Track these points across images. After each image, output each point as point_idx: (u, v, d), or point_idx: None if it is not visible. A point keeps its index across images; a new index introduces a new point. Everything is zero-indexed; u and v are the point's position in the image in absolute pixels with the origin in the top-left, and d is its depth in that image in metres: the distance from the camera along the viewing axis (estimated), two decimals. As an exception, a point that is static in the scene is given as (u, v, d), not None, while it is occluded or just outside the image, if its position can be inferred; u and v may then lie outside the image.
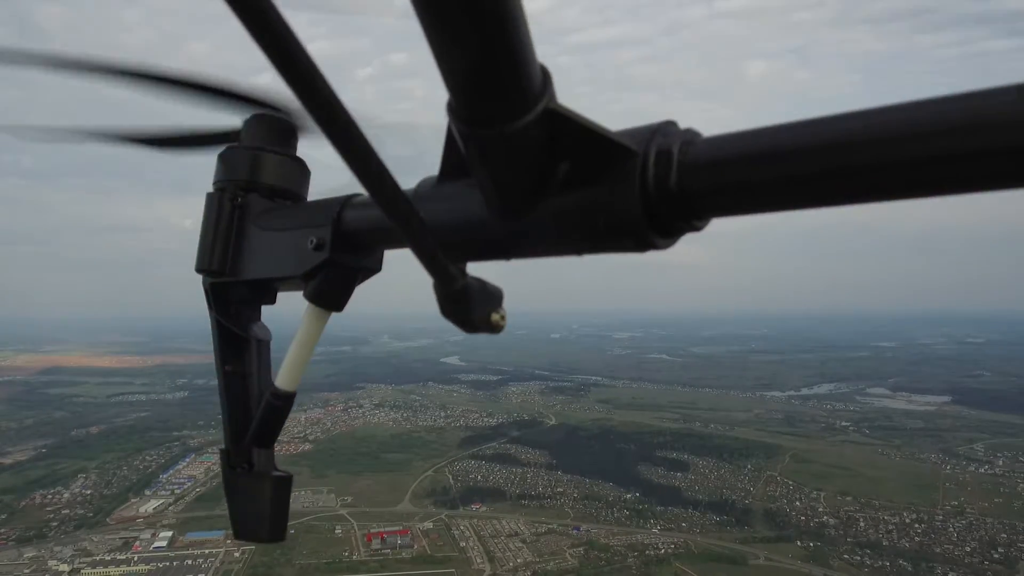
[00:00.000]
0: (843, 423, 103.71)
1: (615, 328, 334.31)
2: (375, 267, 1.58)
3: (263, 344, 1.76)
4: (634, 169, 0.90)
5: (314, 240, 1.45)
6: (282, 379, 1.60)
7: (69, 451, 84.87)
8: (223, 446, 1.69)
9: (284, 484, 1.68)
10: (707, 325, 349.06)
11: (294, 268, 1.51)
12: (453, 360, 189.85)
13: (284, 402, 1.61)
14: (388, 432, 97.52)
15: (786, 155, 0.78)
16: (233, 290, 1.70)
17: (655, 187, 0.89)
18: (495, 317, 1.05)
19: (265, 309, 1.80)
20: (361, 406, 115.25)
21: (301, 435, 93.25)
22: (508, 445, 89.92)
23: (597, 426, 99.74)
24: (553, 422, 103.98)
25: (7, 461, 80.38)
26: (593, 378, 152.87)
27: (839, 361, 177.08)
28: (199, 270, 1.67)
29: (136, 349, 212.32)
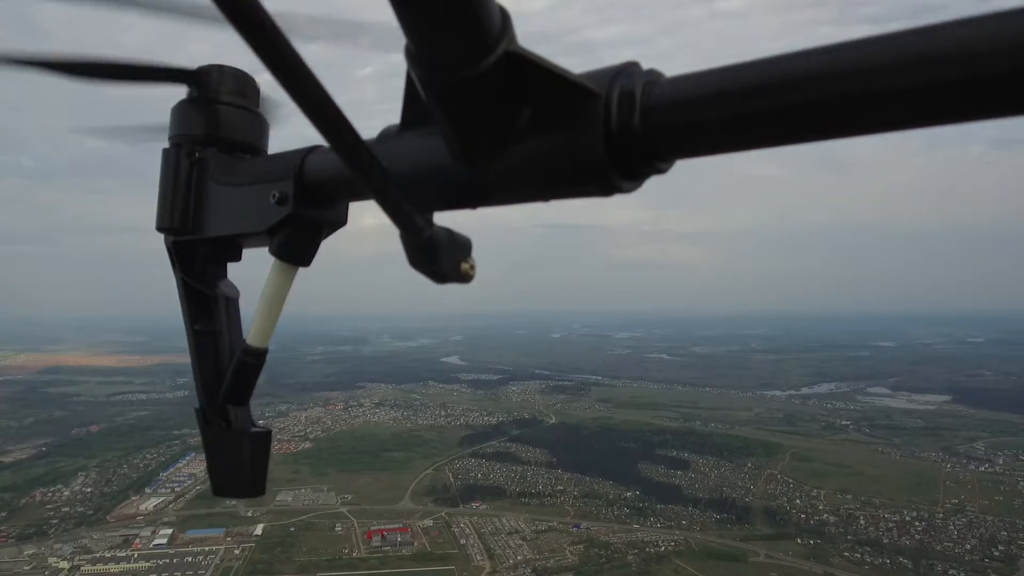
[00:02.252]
0: (843, 422, 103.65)
1: (615, 328, 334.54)
2: (340, 220, 1.54)
3: (231, 301, 1.74)
4: (597, 111, 0.89)
5: (276, 194, 1.42)
6: (253, 336, 1.58)
7: (69, 449, 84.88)
8: (197, 405, 1.68)
9: (262, 440, 1.67)
10: (707, 325, 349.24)
11: (257, 223, 1.47)
12: (453, 360, 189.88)
13: (256, 359, 1.59)
14: (388, 431, 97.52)
15: (749, 93, 0.77)
16: (196, 248, 1.67)
17: (618, 129, 0.88)
18: (464, 267, 1.04)
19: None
20: (361, 405, 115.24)
21: (302, 434, 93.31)
22: (508, 443, 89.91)
23: (597, 425, 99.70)
24: (553, 421, 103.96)
25: (7, 459, 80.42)
26: (593, 377, 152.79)
27: (839, 360, 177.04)
28: (160, 228, 1.64)
29: (136, 348, 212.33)
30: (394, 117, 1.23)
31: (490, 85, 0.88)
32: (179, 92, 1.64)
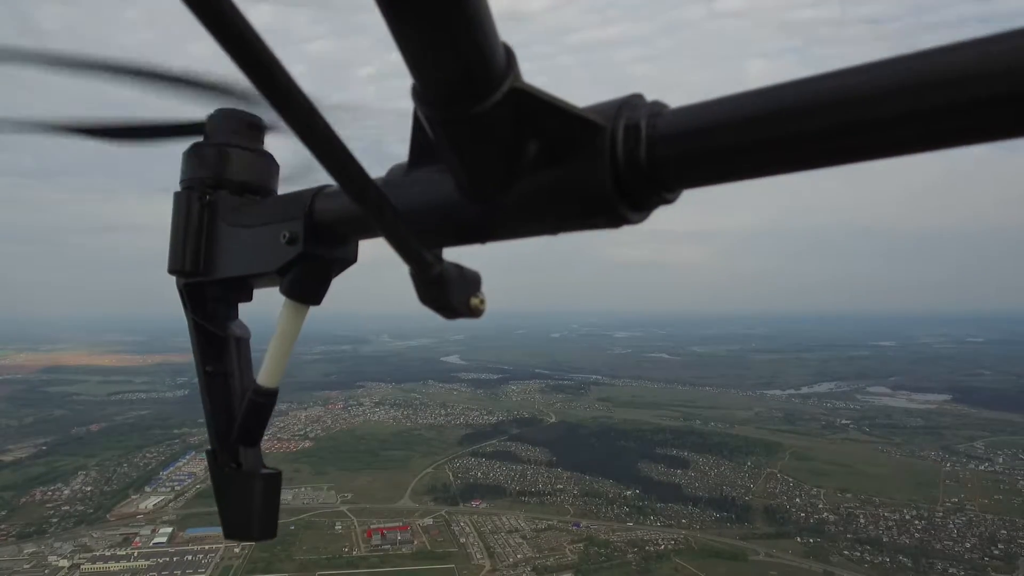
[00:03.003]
0: (843, 421, 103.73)
1: (615, 327, 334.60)
2: (350, 258, 1.54)
3: (243, 342, 1.74)
4: (603, 144, 0.89)
5: (287, 234, 1.42)
6: (264, 376, 1.57)
7: (69, 448, 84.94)
8: (208, 447, 1.68)
9: (273, 481, 1.66)
10: (707, 324, 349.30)
11: (268, 264, 1.47)
12: (453, 359, 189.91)
13: (267, 399, 1.59)
14: (388, 430, 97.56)
15: (753, 121, 0.78)
16: (208, 290, 1.68)
17: (625, 161, 0.89)
18: (474, 302, 1.04)
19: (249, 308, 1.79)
20: (361, 404, 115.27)
21: (301, 433, 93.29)
22: (508, 442, 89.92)
23: (597, 424, 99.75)
24: (553, 420, 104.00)
25: (7, 458, 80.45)
26: (593, 376, 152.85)
27: (839, 360, 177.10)
28: (172, 271, 1.65)
29: (136, 348, 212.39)
30: (393, 118, 1.22)
31: (496, 122, 0.89)
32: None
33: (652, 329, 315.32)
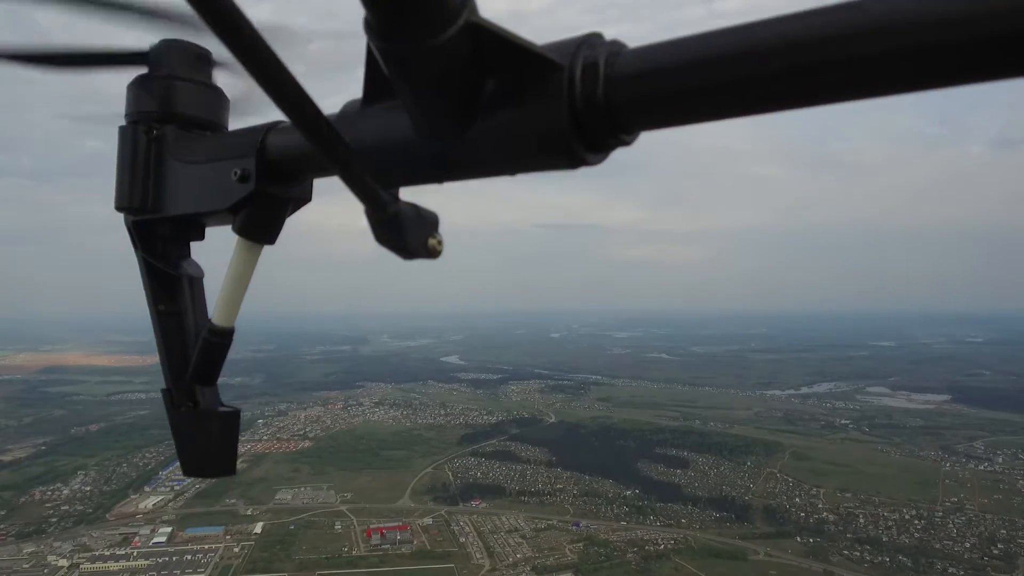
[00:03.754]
0: (843, 421, 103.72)
1: (614, 327, 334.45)
2: (305, 197, 1.53)
3: (195, 281, 1.72)
4: (561, 83, 0.88)
5: (238, 171, 1.39)
6: (218, 315, 1.56)
7: (69, 448, 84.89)
8: (164, 386, 1.66)
9: (231, 419, 1.66)
10: (706, 324, 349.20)
11: (219, 201, 1.44)
12: (453, 359, 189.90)
13: (222, 338, 1.57)
14: (388, 430, 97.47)
15: (712, 63, 0.77)
16: (158, 227, 1.65)
17: (582, 101, 0.88)
18: (432, 242, 1.03)
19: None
20: (361, 404, 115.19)
21: (301, 433, 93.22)
22: (508, 442, 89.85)
23: (597, 424, 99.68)
24: (553, 420, 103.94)
25: (6, 458, 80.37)
26: (593, 376, 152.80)
27: (839, 360, 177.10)
28: (119, 208, 1.62)
29: (135, 348, 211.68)
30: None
31: (452, 57, 0.87)
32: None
33: (652, 329, 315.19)
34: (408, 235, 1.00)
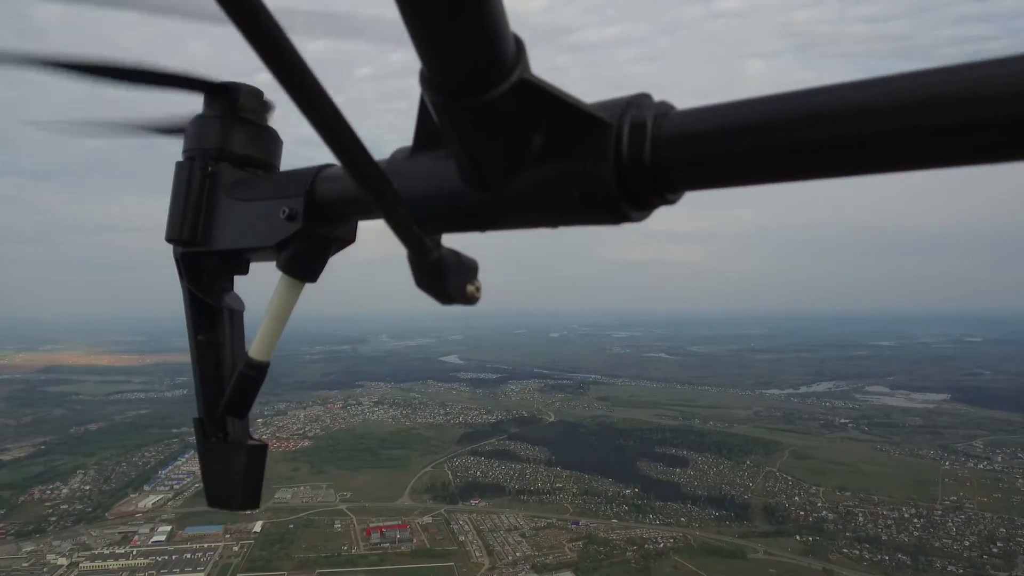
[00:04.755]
0: (842, 420, 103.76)
1: (614, 327, 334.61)
2: (349, 237, 1.55)
3: (236, 314, 1.75)
4: (608, 142, 0.89)
5: (286, 210, 1.42)
6: (256, 349, 1.58)
7: (68, 448, 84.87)
8: (196, 416, 1.69)
9: (259, 453, 1.68)
10: (706, 324, 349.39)
11: (266, 238, 1.48)
12: (452, 359, 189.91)
13: (257, 372, 1.59)
14: (387, 429, 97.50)
15: (759, 128, 0.78)
16: (204, 260, 1.68)
17: (629, 160, 0.89)
18: (470, 289, 1.04)
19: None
20: (360, 404, 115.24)
21: (300, 432, 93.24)
22: (507, 441, 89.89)
23: (596, 423, 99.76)
24: (552, 419, 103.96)
25: (6, 457, 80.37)
26: (592, 376, 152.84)
27: (838, 359, 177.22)
28: (169, 240, 1.65)
29: (135, 348, 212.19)
30: (391, 116, 1.29)
31: (503, 112, 0.88)
32: (193, 103, 1.65)
33: (651, 329, 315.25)
34: (448, 281, 1.02)
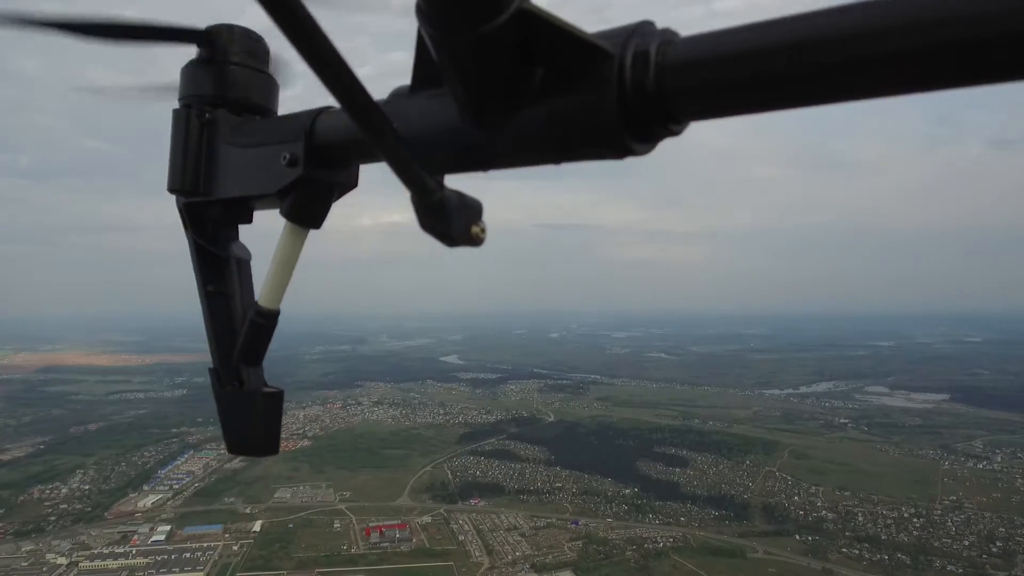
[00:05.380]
0: (842, 420, 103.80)
1: (614, 327, 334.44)
2: (351, 182, 1.54)
3: (243, 263, 1.75)
4: (611, 72, 0.88)
5: (287, 156, 1.41)
6: (264, 297, 1.57)
7: (68, 447, 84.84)
8: (211, 365, 1.69)
9: (275, 399, 1.68)
10: (706, 324, 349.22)
11: (268, 185, 1.46)
12: (452, 359, 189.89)
13: (268, 320, 1.58)
14: (387, 429, 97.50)
15: (765, 53, 0.77)
16: (208, 210, 1.67)
17: (632, 90, 0.87)
18: (475, 229, 1.03)
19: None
20: (360, 404, 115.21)
21: (300, 432, 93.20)
22: (507, 441, 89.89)
23: (596, 423, 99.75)
24: (552, 419, 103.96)
25: (6, 457, 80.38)
26: (592, 376, 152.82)
27: (838, 360, 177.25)
28: (171, 190, 1.64)
29: (134, 348, 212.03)
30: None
31: (502, 44, 0.87)
32: (188, 53, 1.62)
33: (651, 329, 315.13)
34: (452, 222, 1.01)
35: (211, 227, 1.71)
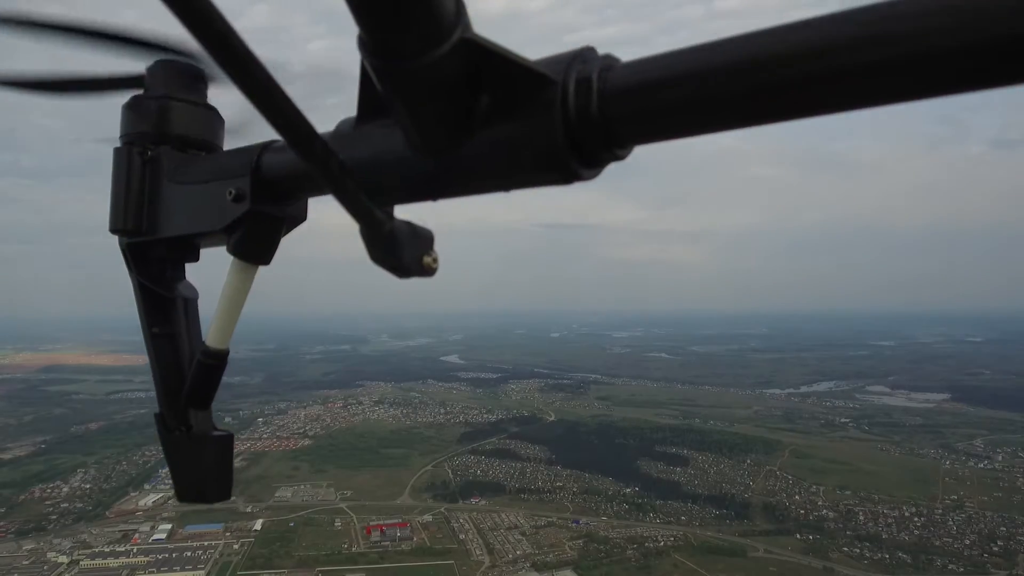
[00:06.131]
0: (842, 420, 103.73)
1: (614, 327, 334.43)
2: (300, 216, 1.51)
3: (190, 303, 1.71)
4: (555, 98, 0.87)
5: (233, 191, 1.36)
6: (213, 337, 1.53)
7: (68, 447, 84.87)
8: (157, 410, 1.64)
9: (225, 443, 1.63)
10: (706, 324, 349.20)
11: (214, 222, 1.41)
12: (453, 358, 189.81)
13: (217, 360, 1.54)
14: (388, 428, 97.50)
15: (704, 76, 0.76)
16: (152, 249, 1.63)
17: (576, 116, 0.86)
18: (427, 260, 1.01)
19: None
20: (361, 403, 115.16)
21: (301, 431, 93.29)
22: (507, 441, 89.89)
23: (596, 422, 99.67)
24: (552, 418, 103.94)
25: (7, 456, 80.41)
26: (592, 376, 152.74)
27: (838, 359, 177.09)
28: (113, 230, 1.59)
29: (135, 347, 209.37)
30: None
31: (446, 73, 0.86)
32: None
33: (651, 328, 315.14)
34: (403, 253, 0.98)
35: (156, 267, 1.67)
